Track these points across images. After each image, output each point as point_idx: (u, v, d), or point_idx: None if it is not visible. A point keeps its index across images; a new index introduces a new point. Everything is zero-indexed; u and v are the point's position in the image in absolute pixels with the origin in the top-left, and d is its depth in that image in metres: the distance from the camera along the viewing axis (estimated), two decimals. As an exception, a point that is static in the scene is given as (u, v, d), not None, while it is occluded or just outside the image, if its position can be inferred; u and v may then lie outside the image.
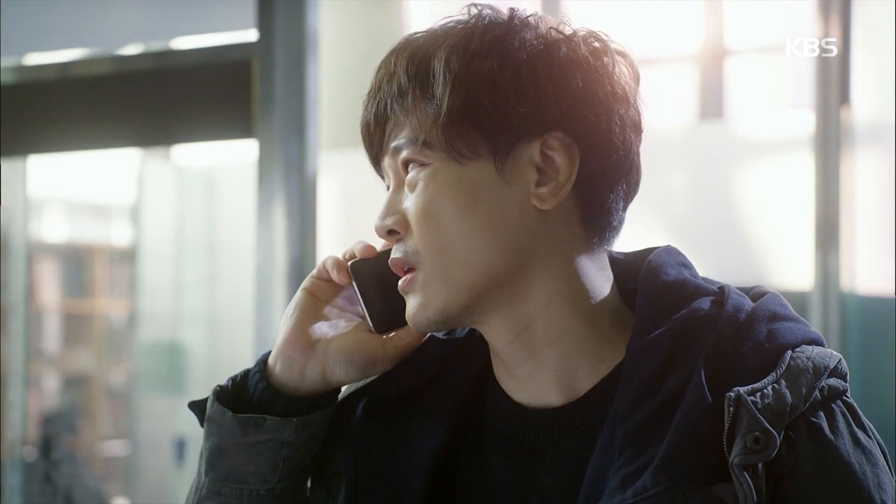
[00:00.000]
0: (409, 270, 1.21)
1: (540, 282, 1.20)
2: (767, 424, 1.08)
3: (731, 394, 1.09)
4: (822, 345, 1.18)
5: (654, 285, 1.21)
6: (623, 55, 1.22)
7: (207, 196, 5.49)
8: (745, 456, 1.07)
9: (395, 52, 1.23)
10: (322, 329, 1.28)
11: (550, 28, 1.20)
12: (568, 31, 1.20)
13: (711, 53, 4.90)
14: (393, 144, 1.21)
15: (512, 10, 1.22)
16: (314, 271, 1.31)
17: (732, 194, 4.35)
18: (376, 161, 1.25)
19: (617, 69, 1.20)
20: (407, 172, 1.21)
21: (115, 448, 6.47)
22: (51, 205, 6.62)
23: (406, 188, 1.21)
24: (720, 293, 1.21)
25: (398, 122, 1.20)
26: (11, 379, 5.17)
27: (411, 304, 1.21)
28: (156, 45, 3.23)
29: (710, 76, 4.91)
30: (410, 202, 1.19)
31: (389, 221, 1.21)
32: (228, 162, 5.30)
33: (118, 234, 6.75)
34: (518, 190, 1.18)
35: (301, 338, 1.27)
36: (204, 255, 5.48)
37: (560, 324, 1.21)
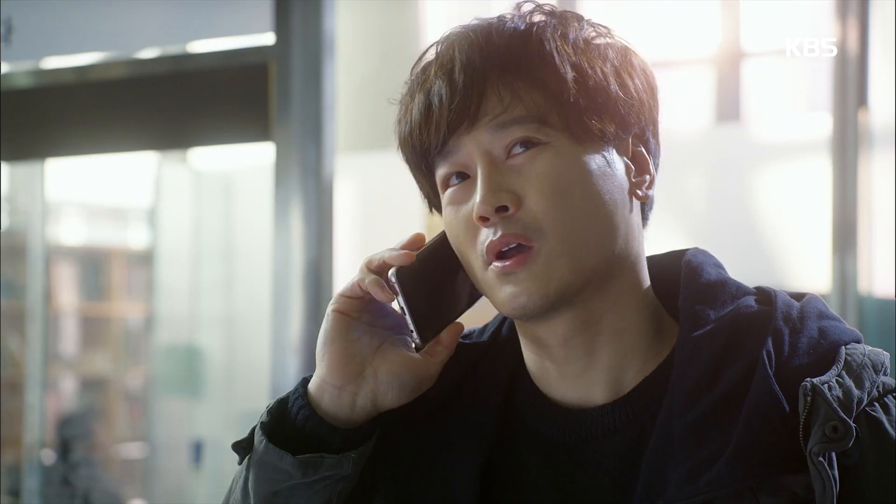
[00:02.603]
0: (520, 249, 1.16)
1: (622, 274, 1.22)
2: (843, 414, 1.10)
3: (807, 384, 1.12)
4: (862, 342, 1.21)
5: (698, 284, 1.24)
6: (648, 64, 1.28)
7: (224, 199, 5.50)
8: (823, 444, 1.09)
9: (475, 33, 1.21)
10: (363, 352, 1.22)
11: (613, 36, 1.25)
12: (622, 40, 1.26)
13: (728, 56, 4.89)
14: (498, 121, 1.18)
15: (572, 12, 1.25)
16: (345, 289, 1.23)
17: (749, 197, 4.34)
18: (444, 142, 1.20)
19: (656, 78, 1.27)
20: (509, 151, 1.18)
21: (133, 450, 6.49)
22: (69, 208, 6.64)
23: (514, 167, 1.18)
24: (761, 292, 1.24)
25: (503, 98, 1.18)
26: (30, 381, 5.19)
27: (523, 286, 1.16)
28: (173, 49, 3.24)
29: (726, 79, 4.91)
30: (533, 178, 1.17)
31: (504, 196, 1.16)
32: (245, 165, 5.31)
33: (135, 238, 6.77)
34: (623, 177, 1.22)
35: (348, 366, 1.21)
36: (221, 258, 5.49)
37: (627, 319, 1.22)
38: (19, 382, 5.41)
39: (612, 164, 1.20)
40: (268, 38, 3.03)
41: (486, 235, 1.18)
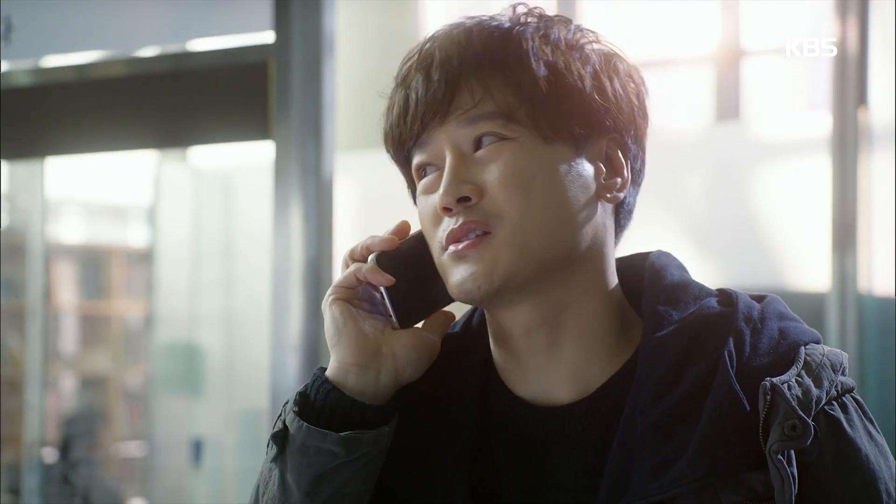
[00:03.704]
0: (479, 236, 1.20)
1: (584, 271, 1.24)
2: (802, 413, 1.13)
3: (766, 383, 1.15)
4: (821, 343, 1.24)
5: (661, 286, 1.26)
6: (638, 69, 1.30)
7: (224, 198, 5.50)
8: (783, 443, 1.12)
9: (458, 30, 1.24)
10: (373, 334, 1.25)
11: (600, 40, 1.28)
12: (611, 45, 1.28)
13: (728, 54, 4.89)
14: (468, 116, 1.22)
15: (560, 16, 1.28)
16: (341, 281, 1.27)
17: (749, 196, 4.34)
18: (418, 135, 1.24)
19: (646, 84, 1.29)
20: (477, 145, 1.22)
21: (132, 449, 6.49)
22: (68, 207, 6.64)
23: (479, 159, 1.22)
24: (722, 294, 1.27)
25: (474, 94, 1.21)
26: (29, 380, 5.19)
27: (470, 269, 1.20)
28: (172, 47, 3.24)
29: (726, 77, 4.90)
30: (495, 170, 1.20)
31: (466, 188, 1.20)
32: (245, 163, 5.30)
33: (135, 236, 6.77)
34: (591, 179, 1.24)
35: (366, 345, 1.24)
36: (220, 256, 5.49)
37: (589, 315, 1.24)
38: (19, 381, 5.41)
39: (578, 164, 1.23)
40: (267, 37, 3.03)
41: (448, 224, 1.22)
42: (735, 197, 4.36)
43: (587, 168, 1.23)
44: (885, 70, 3.33)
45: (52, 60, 3.38)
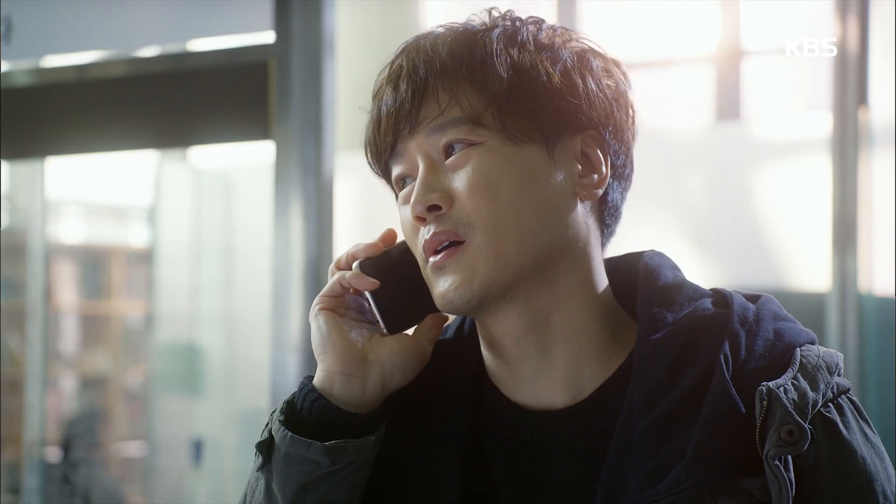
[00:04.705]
0: (452, 245, 1.20)
1: (567, 272, 1.23)
2: (798, 418, 1.12)
3: (763, 388, 1.13)
4: (816, 343, 1.23)
5: (655, 287, 1.25)
6: (619, 64, 1.29)
7: (224, 198, 5.50)
8: (779, 448, 1.11)
9: (426, 40, 1.24)
10: (360, 342, 1.26)
11: (575, 38, 1.27)
12: (589, 42, 1.27)
13: (728, 54, 4.89)
14: (435, 123, 1.22)
15: (534, 17, 1.28)
16: (326, 290, 1.28)
17: (749, 196, 4.35)
18: (392, 147, 1.25)
19: (628, 79, 1.28)
20: (447, 153, 1.22)
21: (133, 449, 6.49)
22: (68, 206, 6.64)
23: (449, 167, 1.21)
24: (717, 294, 1.26)
25: (441, 101, 1.21)
26: (30, 380, 5.19)
27: (450, 280, 1.20)
28: (173, 47, 3.23)
29: (726, 77, 4.91)
30: (463, 176, 1.20)
31: (434, 196, 1.20)
32: (245, 163, 5.31)
33: (135, 236, 6.77)
34: (565, 177, 1.23)
35: (352, 354, 1.24)
36: (221, 256, 5.49)
37: (577, 318, 1.23)
38: (19, 381, 5.41)
39: (551, 164, 1.22)
40: (268, 37, 3.03)
41: (423, 234, 1.22)
42: (735, 197, 4.37)
43: (561, 167, 1.22)
44: (885, 70, 3.33)
45: (52, 60, 3.38)
